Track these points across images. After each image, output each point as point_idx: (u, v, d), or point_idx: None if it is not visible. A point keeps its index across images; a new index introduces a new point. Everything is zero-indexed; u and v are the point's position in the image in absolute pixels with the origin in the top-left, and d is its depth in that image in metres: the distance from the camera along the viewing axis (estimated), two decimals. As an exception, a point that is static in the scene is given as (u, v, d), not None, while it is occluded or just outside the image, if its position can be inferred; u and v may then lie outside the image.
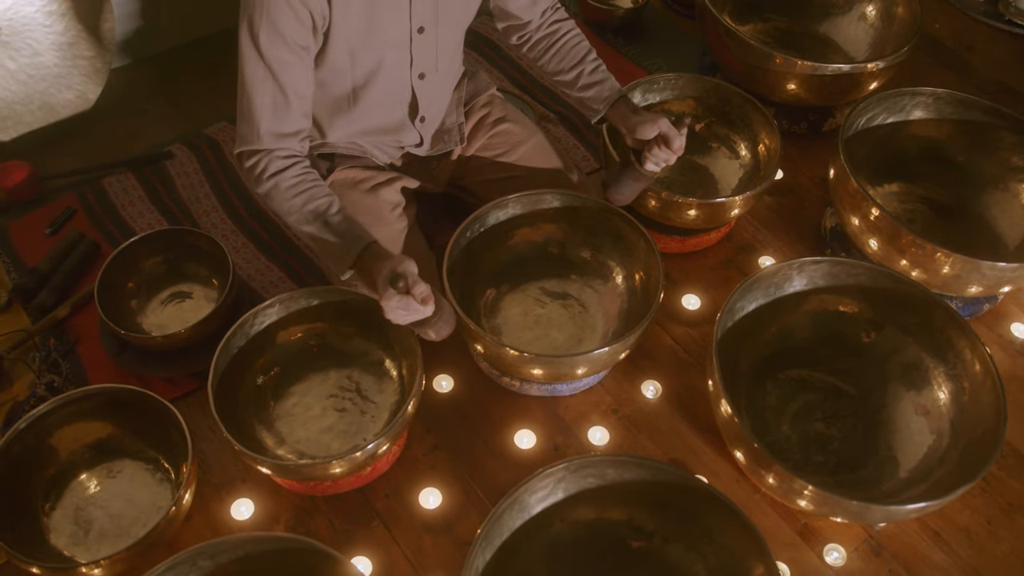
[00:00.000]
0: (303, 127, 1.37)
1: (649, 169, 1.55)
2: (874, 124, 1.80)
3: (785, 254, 1.83)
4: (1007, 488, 1.52)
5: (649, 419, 1.57)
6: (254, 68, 1.29)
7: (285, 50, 1.28)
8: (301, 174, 1.34)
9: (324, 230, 1.32)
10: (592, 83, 1.59)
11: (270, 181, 1.33)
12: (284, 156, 1.34)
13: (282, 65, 1.29)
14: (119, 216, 1.81)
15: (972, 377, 1.41)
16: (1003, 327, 1.73)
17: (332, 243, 1.31)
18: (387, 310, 1.25)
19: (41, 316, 1.63)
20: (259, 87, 1.30)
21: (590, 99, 1.60)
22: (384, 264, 1.26)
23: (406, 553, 1.40)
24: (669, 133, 1.51)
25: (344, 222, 1.32)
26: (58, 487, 1.39)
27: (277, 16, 1.24)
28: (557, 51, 1.60)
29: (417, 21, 1.37)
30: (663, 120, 1.51)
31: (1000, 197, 1.78)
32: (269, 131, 1.32)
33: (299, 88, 1.32)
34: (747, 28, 2.19)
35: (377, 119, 1.51)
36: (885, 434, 1.48)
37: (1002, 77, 2.24)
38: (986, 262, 1.50)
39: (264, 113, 1.31)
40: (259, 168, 1.33)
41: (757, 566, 1.21)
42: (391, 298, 1.23)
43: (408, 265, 1.24)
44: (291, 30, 1.26)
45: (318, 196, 1.33)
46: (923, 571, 1.42)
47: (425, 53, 1.43)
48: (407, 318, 1.27)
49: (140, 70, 2.13)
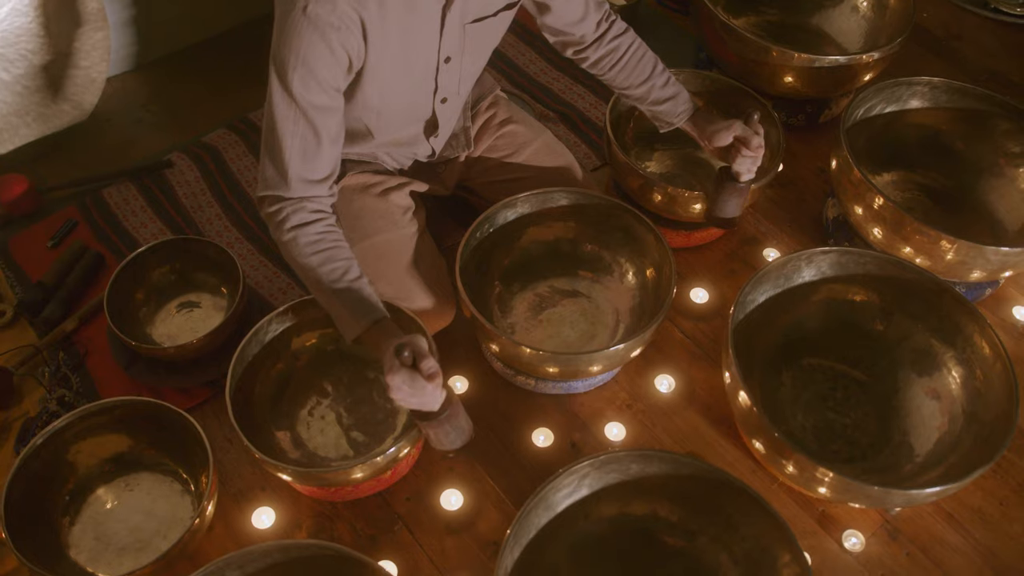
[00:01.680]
0: (333, 171, 1.30)
1: (745, 180, 1.56)
2: (872, 114, 1.82)
3: (789, 245, 1.85)
4: (1018, 469, 1.54)
5: (664, 413, 1.58)
6: (285, 112, 1.23)
7: (320, 94, 1.22)
8: (323, 232, 1.28)
9: (335, 296, 1.26)
10: (664, 98, 1.57)
11: (291, 233, 1.27)
12: (311, 210, 1.28)
13: (315, 109, 1.23)
14: (121, 227, 1.80)
15: (982, 361, 1.44)
16: (1005, 311, 1.76)
17: (340, 310, 1.26)
18: (391, 387, 1.17)
19: (48, 330, 1.62)
20: (290, 131, 1.24)
21: (663, 113, 1.59)
22: (392, 340, 1.20)
23: (430, 555, 1.40)
24: (744, 135, 1.52)
25: (358, 291, 1.26)
26: (76, 502, 1.38)
27: (314, 59, 1.19)
28: (622, 68, 1.56)
29: (445, 52, 1.36)
30: (736, 124, 1.52)
31: (997, 183, 1.80)
32: (299, 177, 1.26)
33: (332, 132, 1.27)
34: (740, 22, 2.21)
35: (394, 136, 1.50)
36: (899, 420, 1.51)
37: (991, 64, 2.28)
38: (990, 247, 1.52)
39: (294, 158, 1.25)
40: (281, 216, 1.27)
41: (783, 554, 1.23)
42: (397, 372, 1.16)
43: (417, 338, 1.19)
44: (327, 73, 1.21)
45: (336, 259, 1.27)
46: (940, 553, 1.44)
47: (450, 80, 1.42)
48: (412, 399, 1.19)
49: (135, 79, 2.12)
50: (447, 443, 1.28)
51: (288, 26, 1.18)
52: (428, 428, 1.26)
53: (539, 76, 2.18)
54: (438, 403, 1.21)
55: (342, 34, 1.19)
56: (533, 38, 2.27)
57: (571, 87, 2.15)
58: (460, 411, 1.27)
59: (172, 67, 2.15)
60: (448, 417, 1.24)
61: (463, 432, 1.29)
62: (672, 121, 1.60)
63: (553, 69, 2.20)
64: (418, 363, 1.17)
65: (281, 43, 1.20)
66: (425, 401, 1.20)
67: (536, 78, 2.17)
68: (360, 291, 1.27)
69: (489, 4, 1.36)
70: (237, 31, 2.24)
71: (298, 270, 1.29)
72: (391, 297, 1.49)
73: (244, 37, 2.22)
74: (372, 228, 1.53)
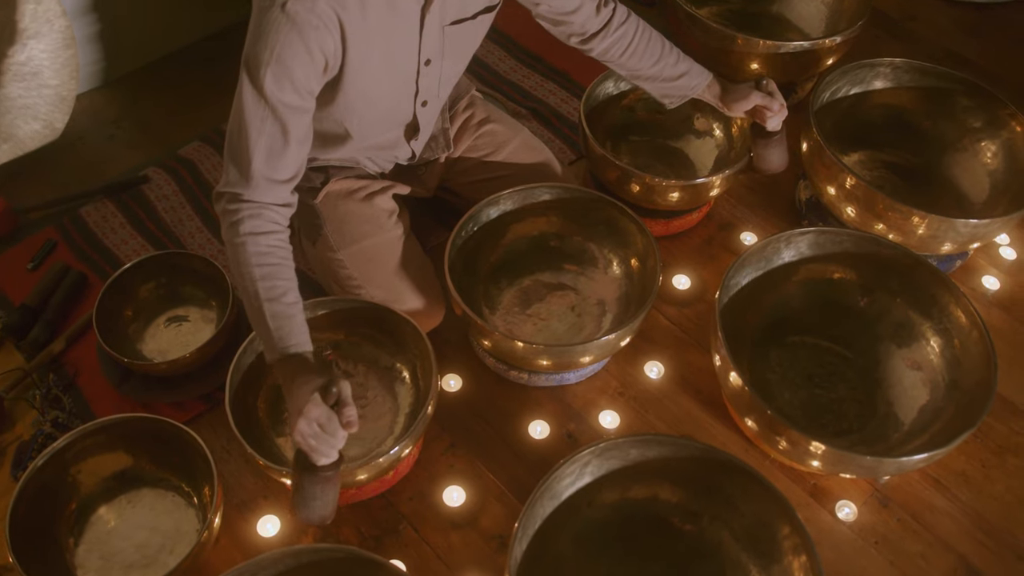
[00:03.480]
0: (297, 174, 1.28)
1: (773, 127, 1.62)
2: (838, 96, 1.87)
3: (765, 228, 1.89)
4: (996, 432, 1.60)
5: (655, 398, 1.62)
6: (254, 108, 1.20)
7: (292, 93, 1.20)
8: (274, 246, 1.24)
9: (267, 314, 1.21)
10: (678, 74, 1.60)
11: (242, 238, 1.22)
12: (268, 219, 1.24)
13: (286, 108, 1.21)
14: (102, 245, 1.78)
15: (959, 330, 1.49)
16: (975, 281, 1.82)
17: (267, 327, 1.21)
18: (306, 419, 1.13)
19: (35, 353, 1.60)
20: (257, 128, 1.21)
21: (678, 87, 1.61)
22: (314, 377, 1.17)
23: (437, 552, 1.42)
24: (763, 103, 1.58)
25: (291, 316, 1.22)
26: (80, 522, 1.38)
27: (290, 57, 1.17)
28: (632, 54, 1.57)
29: (425, 54, 1.37)
30: (754, 95, 1.58)
31: (961, 158, 1.86)
32: (263, 175, 1.23)
33: (300, 133, 1.25)
34: (704, 11, 2.24)
35: (375, 140, 1.51)
36: (883, 391, 1.55)
37: (946, 43, 2.34)
38: (960, 220, 1.58)
39: (259, 156, 1.22)
40: (237, 216, 1.23)
41: (783, 527, 1.27)
42: (318, 406, 1.13)
43: (345, 384, 1.16)
44: (301, 73, 1.20)
45: (279, 276, 1.23)
46: (928, 517, 1.49)
47: (430, 83, 1.43)
48: (316, 440, 1.13)
49: (105, 95, 2.10)
50: (315, 507, 1.19)
51: (265, 22, 1.18)
52: (307, 482, 1.17)
53: (509, 74, 2.20)
54: (335, 455, 1.17)
55: (320, 33, 1.19)
56: (501, 37, 2.29)
57: (542, 84, 2.18)
58: (339, 483, 1.21)
59: (141, 81, 2.14)
60: (332, 478, 1.18)
61: (329, 505, 1.20)
62: (687, 94, 1.63)
63: (522, 67, 2.22)
64: (340, 408, 1.14)
65: (256, 39, 1.19)
66: (326, 448, 1.15)
67: (506, 76, 2.19)
68: (293, 317, 1.22)
69: (468, 6, 1.38)
70: (206, 42, 2.23)
71: (238, 276, 1.24)
72: (382, 300, 1.50)
73: (213, 48, 2.21)
74: (359, 233, 1.55)
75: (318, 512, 1.19)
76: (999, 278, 1.82)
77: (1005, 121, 1.78)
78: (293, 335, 1.21)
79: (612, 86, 1.89)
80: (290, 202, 1.29)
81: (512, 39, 2.29)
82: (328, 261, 1.56)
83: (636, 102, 1.94)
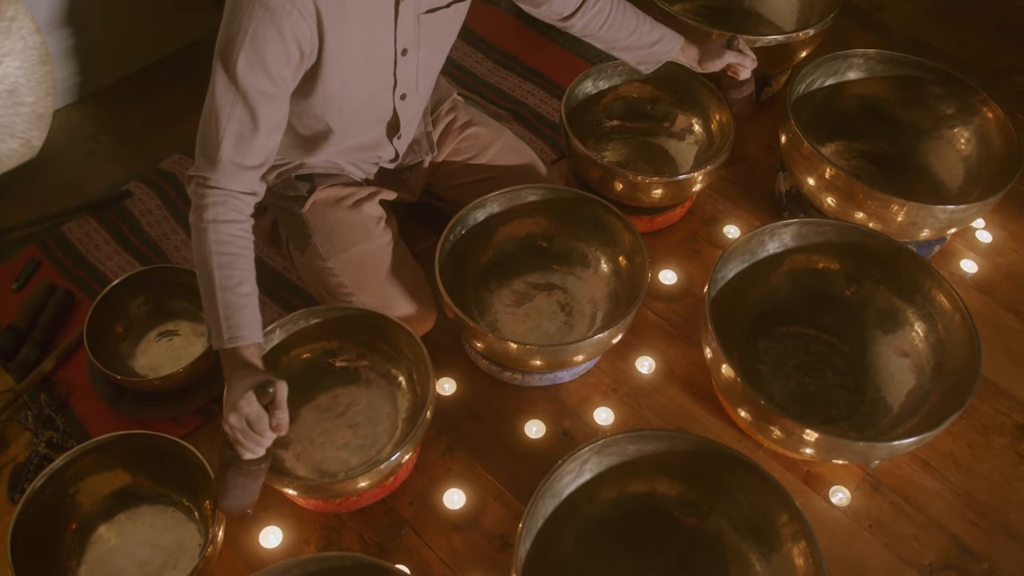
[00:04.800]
0: (266, 162, 1.30)
1: (744, 78, 1.76)
2: (813, 88, 1.90)
3: (746, 221, 1.92)
4: (980, 413, 1.64)
5: (648, 393, 1.64)
6: (224, 93, 1.22)
7: (264, 79, 1.22)
8: (236, 235, 1.26)
9: (220, 301, 1.23)
10: (654, 40, 1.68)
11: (204, 223, 1.24)
12: (233, 208, 1.26)
13: (257, 93, 1.22)
14: (87, 262, 1.77)
15: (942, 314, 1.52)
16: (954, 265, 1.86)
17: (217, 315, 1.23)
18: (237, 414, 1.16)
19: (26, 374, 1.59)
20: (227, 113, 1.23)
21: (654, 53, 1.69)
22: (251, 371, 1.20)
23: (440, 555, 1.43)
24: (736, 60, 1.71)
25: (244, 306, 1.24)
26: (81, 542, 1.37)
27: (263, 42, 1.19)
28: (610, 27, 1.63)
29: (401, 44, 1.38)
30: (727, 53, 1.70)
31: (935, 145, 1.90)
32: (230, 160, 1.25)
33: (270, 120, 1.26)
34: (678, 8, 2.26)
35: (358, 139, 1.52)
36: (871, 378, 1.59)
37: (914, 32, 2.39)
38: (938, 207, 1.61)
39: (228, 141, 1.24)
40: (202, 202, 1.25)
41: (781, 515, 1.29)
42: (251, 405, 1.16)
43: (283, 386, 1.19)
44: (273, 59, 1.21)
45: (237, 266, 1.25)
46: (919, 498, 1.53)
47: (408, 75, 1.44)
48: (244, 437, 1.17)
49: (82, 110, 2.08)
50: (234, 496, 1.22)
51: (239, 8, 1.19)
52: (231, 474, 1.20)
53: (487, 77, 2.21)
54: (261, 452, 1.19)
55: (294, 19, 1.20)
56: (477, 40, 2.30)
57: (520, 84, 2.19)
58: (262, 477, 1.24)
59: (118, 95, 2.12)
60: (255, 473, 1.21)
61: (249, 497, 1.23)
62: (662, 58, 1.71)
63: (500, 69, 2.23)
64: (273, 409, 1.17)
65: (230, 24, 1.20)
66: (252, 445, 1.18)
67: (485, 79, 2.20)
68: (246, 308, 1.24)
69: None
70: (182, 52, 2.21)
71: (198, 260, 1.26)
72: (373, 307, 1.51)
73: (190, 58, 2.20)
74: (348, 240, 1.55)
75: (236, 502, 1.22)
76: (976, 261, 1.86)
77: (976, 107, 1.82)
78: (243, 326, 1.24)
79: (591, 85, 1.91)
80: (257, 190, 1.31)
81: (488, 41, 2.30)
82: (318, 270, 1.57)
83: (615, 101, 1.96)
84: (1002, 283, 1.84)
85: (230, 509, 1.23)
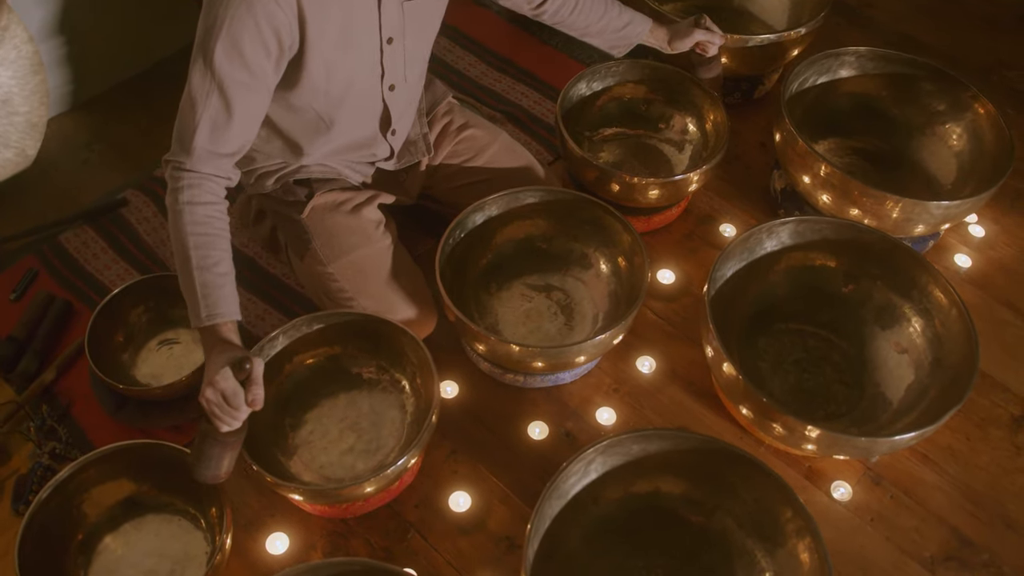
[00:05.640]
0: (240, 150, 1.32)
1: (712, 55, 1.82)
2: (806, 86, 1.91)
3: (742, 219, 1.93)
4: (977, 406, 1.66)
5: (649, 393, 1.65)
6: (200, 81, 1.24)
7: (240, 69, 1.23)
8: (212, 216, 1.28)
9: (197, 281, 1.25)
10: (624, 24, 1.72)
11: (179, 205, 1.26)
12: (208, 190, 1.28)
13: (234, 83, 1.24)
14: (84, 271, 1.77)
15: (939, 309, 1.54)
16: (948, 260, 1.88)
17: (195, 294, 1.25)
18: (209, 391, 1.19)
19: (26, 384, 1.59)
20: (202, 102, 1.25)
21: (625, 36, 1.74)
22: (228, 347, 1.23)
23: (446, 558, 1.43)
24: (703, 38, 1.77)
25: (221, 286, 1.26)
26: (87, 552, 1.37)
27: (239, 32, 1.20)
28: (580, 12, 1.67)
29: (386, 32, 1.39)
30: (696, 32, 1.76)
31: (927, 141, 1.92)
32: (204, 148, 1.27)
33: (246, 111, 1.28)
34: (668, 8, 2.27)
35: (350, 136, 1.52)
36: (870, 373, 1.60)
37: (903, 28, 2.41)
38: (933, 203, 1.63)
39: (202, 129, 1.26)
40: (178, 184, 1.27)
41: (785, 511, 1.30)
42: (227, 381, 1.18)
43: (259, 362, 1.22)
44: (252, 50, 1.22)
45: (213, 247, 1.27)
46: (919, 491, 1.54)
47: (395, 64, 1.44)
48: (221, 411, 1.20)
49: (74, 119, 2.07)
50: (209, 466, 1.24)
51: None
52: (207, 445, 1.23)
53: (481, 79, 2.21)
54: (237, 425, 1.22)
55: (270, 9, 1.21)
56: (470, 42, 2.30)
57: (514, 86, 2.20)
58: (237, 449, 1.26)
59: (111, 102, 2.11)
60: (230, 444, 1.24)
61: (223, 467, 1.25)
62: (633, 41, 1.75)
63: (493, 71, 2.24)
64: (249, 385, 1.20)
65: (208, 12, 1.22)
66: (228, 419, 1.20)
67: (479, 81, 2.21)
68: (223, 287, 1.27)
69: None
70: (175, 58, 2.21)
71: (175, 242, 1.28)
72: (374, 311, 1.51)
73: (182, 64, 2.16)
74: (348, 245, 1.55)
75: (211, 471, 1.25)
76: (970, 256, 1.88)
77: (968, 103, 1.84)
78: (220, 303, 1.25)
79: (585, 87, 1.91)
80: (231, 176, 1.33)
81: (481, 44, 2.30)
82: (318, 275, 1.57)
83: (609, 102, 1.97)
84: (996, 277, 1.86)
85: (204, 477, 1.25)
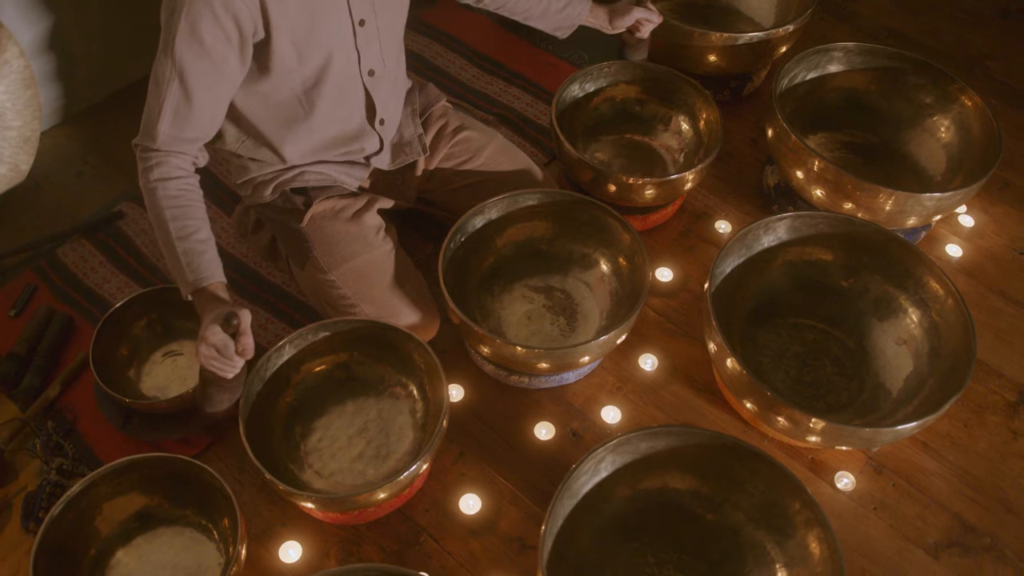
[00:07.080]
0: (205, 136, 1.37)
1: (640, 38, 1.89)
2: (796, 82, 1.94)
3: (737, 216, 1.95)
4: (974, 393, 1.69)
5: (652, 390, 1.66)
6: (163, 69, 1.29)
7: (200, 57, 1.27)
8: (184, 189, 1.34)
9: (179, 251, 1.31)
10: (563, 5, 1.77)
11: (152, 183, 1.32)
12: (175, 165, 1.34)
13: (193, 72, 1.28)
14: (84, 285, 1.76)
15: (935, 299, 1.57)
16: (940, 250, 1.91)
17: (180, 264, 1.32)
18: (203, 347, 1.27)
19: (30, 401, 1.58)
20: (164, 89, 1.29)
21: (566, 17, 1.79)
22: (219, 305, 1.29)
23: (459, 561, 1.44)
24: (642, 15, 1.84)
25: (202, 252, 1.32)
26: (100, 567, 1.37)
27: (197, 20, 1.24)
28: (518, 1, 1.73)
29: (357, 14, 1.40)
30: (635, 10, 1.83)
31: (916, 133, 1.95)
32: (167, 134, 1.32)
33: (208, 97, 1.32)
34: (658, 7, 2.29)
35: (336, 127, 1.52)
36: (869, 365, 1.62)
37: (887, 23, 2.44)
38: (925, 195, 1.66)
39: (165, 115, 1.31)
40: (147, 164, 1.33)
41: (793, 503, 1.32)
42: (217, 335, 1.26)
43: (245, 314, 1.28)
44: (211, 38, 1.26)
45: (189, 216, 1.33)
46: (920, 479, 1.57)
47: (370, 48, 1.46)
48: (216, 363, 1.28)
49: (67, 132, 2.06)
50: (216, 402, 1.37)
51: None
52: (213, 390, 1.35)
53: (473, 82, 2.22)
54: (235, 371, 1.30)
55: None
56: (460, 46, 2.31)
57: (506, 89, 2.21)
58: (239, 388, 1.37)
59: (104, 115, 2.10)
60: (233, 388, 1.36)
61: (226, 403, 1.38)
62: (575, 22, 1.81)
63: (484, 74, 2.25)
64: (239, 336, 1.27)
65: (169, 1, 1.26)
66: (226, 369, 1.29)
67: (470, 84, 2.22)
68: (204, 253, 1.32)
69: None
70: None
71: (153, 220, 1.34)
72: (377, 317, 1.52)
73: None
74: (349, 252, 1.56)
75: (220, 407, 1.38)
76: (961, 245, 1.91)
77: (955, 96, 1.87)
78: (204, 268, 1.32)
79: (579, 88, 1.93)
80: (198, 156, 1.38)
81: (471, 47, 2.31)
82: (320, 283, 1.57)
83: (603, 103, 1.98)
84: (986, 265, 1.89)
85: (215, 413, 1.38)
